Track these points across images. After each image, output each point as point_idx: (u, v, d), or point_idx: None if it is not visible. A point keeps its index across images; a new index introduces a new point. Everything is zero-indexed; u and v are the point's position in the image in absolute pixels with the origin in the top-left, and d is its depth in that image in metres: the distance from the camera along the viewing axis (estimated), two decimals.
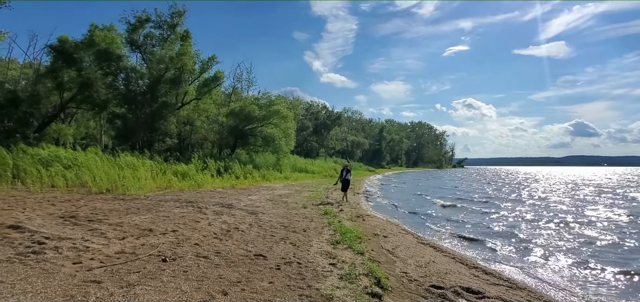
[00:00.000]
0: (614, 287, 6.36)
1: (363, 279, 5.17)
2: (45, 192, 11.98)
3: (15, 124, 20.30)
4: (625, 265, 7.64)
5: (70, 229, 6.96)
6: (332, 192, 19.00)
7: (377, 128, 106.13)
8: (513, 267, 7.43)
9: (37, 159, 14.54)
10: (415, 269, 6.37)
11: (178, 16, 25.62)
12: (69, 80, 22.95)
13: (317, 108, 72.54)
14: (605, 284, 6.55)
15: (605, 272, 7.13)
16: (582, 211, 16.26)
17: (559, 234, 11.00)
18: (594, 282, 6.60)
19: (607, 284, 6.55)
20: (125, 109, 24.61)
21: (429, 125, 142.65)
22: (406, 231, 10.68)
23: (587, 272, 7.18)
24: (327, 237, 7.89)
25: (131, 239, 6.56)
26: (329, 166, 47.45)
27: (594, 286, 6.40)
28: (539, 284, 6.33)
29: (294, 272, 5.33)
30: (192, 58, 25.56)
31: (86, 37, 23.10)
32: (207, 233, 7.43)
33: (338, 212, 12.14)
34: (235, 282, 4.70)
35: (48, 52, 23.23)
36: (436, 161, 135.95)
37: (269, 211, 11.11)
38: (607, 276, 6.96)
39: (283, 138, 30.47)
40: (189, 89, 26.59)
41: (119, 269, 4.92)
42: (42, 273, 4.54)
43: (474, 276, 6.29)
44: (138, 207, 10.20)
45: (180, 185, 16.55)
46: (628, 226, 12.37)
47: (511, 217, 14.08)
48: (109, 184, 13.57)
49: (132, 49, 25.45)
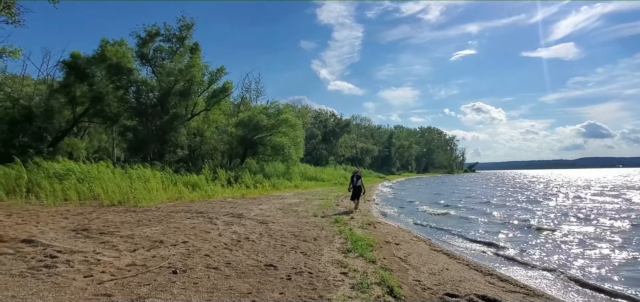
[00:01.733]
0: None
1: (375, 289, 5.08)
2: (59, 205, 12.11)
3: (29, 139, 20.69)
4: None
5: (82, 242, 7.00)
6: (342, 200, 18.89)
7: (386, 134, 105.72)
8: (531, 273, 7.25)
9: (51, 173, 14.75)
10: (429, 277, 6.24)
11: (186, 29, 25.98)
12: (82, 94, 23.39)
13: (325, 116, 72.69)
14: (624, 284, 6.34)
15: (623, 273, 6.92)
16: (605, 214, 15.88)
17: (582, 241, 10.74)
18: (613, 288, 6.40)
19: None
20: (137, 122, 24.94)
21: (439, 130, 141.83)
22: (418, 238, 10.53)
23: (609, 276, 6.98)
24: (338, 246, 7.81)
25: (142, 251, 6.57)
26: (339, 173, 47.30)
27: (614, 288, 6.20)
28: (559, 293, 6.16)
29: (305, 282, 5.26)
30: (201, 70, 25.88)
31: (97, 52, 23.54)
32: (218, 244, 7.41)
33: (349, 220, 12.04)
34: (246, 294, 4.65)
35: (61, 68, 23.77)
36: (447, 166, 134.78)
37: (279, 220, 11.07)
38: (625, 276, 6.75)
39: (292, 147, 30.49)
40: (199, 100, 26.89)
41: (130, 281, 4.90)
42: (54, 287, 4.55)
43: (489, 283, 6.15)
44: (149, 218, 10.24)
45: (191, 196, 16.61)
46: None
47: (532, 222, 13.83)
48: (120, 196, 13.68)
49: (143, 63, 25.87)
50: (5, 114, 21.21)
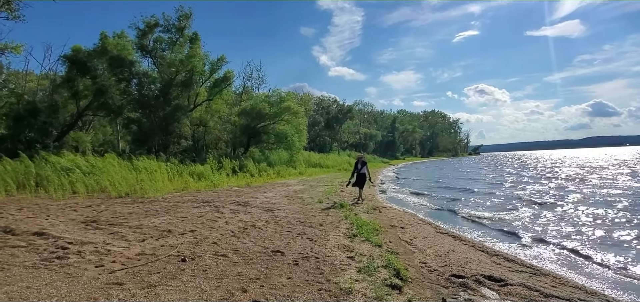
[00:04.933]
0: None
1: (382, 271, 5.14)
2: (67, 198, 12.24)
3: (35, 134, 20.80)
4: None
5: (92, 234, 7.10)
6: (347, 186, 18.92)
7: (389, 119, 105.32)
8: (536, 252, 7.30)
9: (58, 167, 14.87)
10: (435, 259, 6.30)
11: (185, 19, 25.78)
12: (84, 88, 23.41)
13: (327, 102, 72.36)
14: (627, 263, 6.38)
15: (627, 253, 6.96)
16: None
17: (587, 219, 10.76)
18: (620, 267, 6.43)
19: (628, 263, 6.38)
20: (140, 114, 24.97)
21: (442, 113, 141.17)
22: (424, 220, 10.58)
23: (611, 255, 7.01)
24: (344, 231, 7.88)
25: (151, 240, 6.66)
26: (343, 159, 47.32)
27: (622, 269, 6.24)
28: (564, 270, 6.21)
29: (312, 267, 5.33)
30: (201, 60, 25.75)
31: (98, 45, 23.48)
32: (225, 232, 7.50)
33: (354, 205, 12.10)
34: (254, 279, 4.72)
35: (63, 63, 23.70)
36: (451, 149, 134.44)
37: (284, 207, 11.15)
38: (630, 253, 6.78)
39: (295, 134, 30.47)
40: (200, 90, 26.83)
41: (140, 270, 5.00)
42: (66, 277, 4.64)
43: (495, 264, 6.20)
44: (156, 209, 10.35)
45: (197, 185, 16.73)
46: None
47: (539, 203, 13.84)
48: (127, 188, 13.80)
49: (143, 54, 25.76)
50: (10, 110, 21.31)
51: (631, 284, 5.57)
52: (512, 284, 5.07)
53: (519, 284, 5.07)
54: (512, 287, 4.97)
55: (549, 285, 5.15)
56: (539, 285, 5.08)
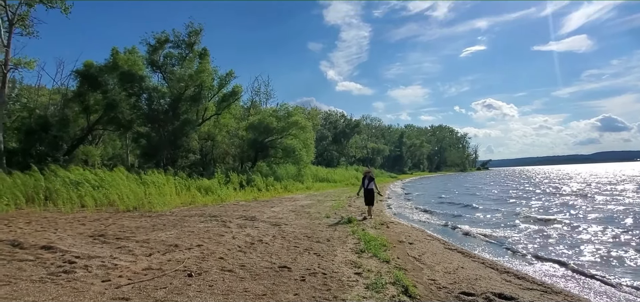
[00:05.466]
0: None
1: (390, 288, 5.06)
2: (76, 212, 12.32)
3: (46, 148, 21.11)
4: None
5: (100, 248, 7.11)
6: (354, 201, 18.84)
7: (396, 134, 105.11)
8: (548, 270, 7.15)
9: (68, 180, 15.02)
10: (444, 276, 6.19)
11: (195, 35, 26.22)
12: (95, 103, 23.80)
13: (335, 117, 72.61)
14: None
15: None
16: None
17: (595, 236, 10.55)
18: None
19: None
20: (149, 128, 25.25)
21: (450, 128, 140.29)
22: (432, 236, 10.45)
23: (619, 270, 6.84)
24: (352, 246, 7.80)
25: (158, 255, 6.65)
26: (351, 174, 47.21)
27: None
28: (576, 290, 6.06)
29: (319, 283, 5.26)
30: (210, 75, 26.08)
31: (109, 60, 23.94)
32: (232, 246, 7.46)
33: (362, 220, 12.00)
34: (261, 295, 4.67)
35: (74, 77, 24.22)
36: (459, 164, 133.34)
37: (292, 222, 11.09)
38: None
39: (303, 149, 30.54)
40: (209, 105, 27.11)
41: (147, 285, 4.97)
42: (73, 292, 4.63)
43: (505, 281, 6.07)
44: (164, 223, 10.36)
45: (204, 200, 16.75)
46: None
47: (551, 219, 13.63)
48: (135, 202, 13.86)
49: (153, 70, 26.20)
50: (22, 124, 21.70)
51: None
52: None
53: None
54: None
55: None
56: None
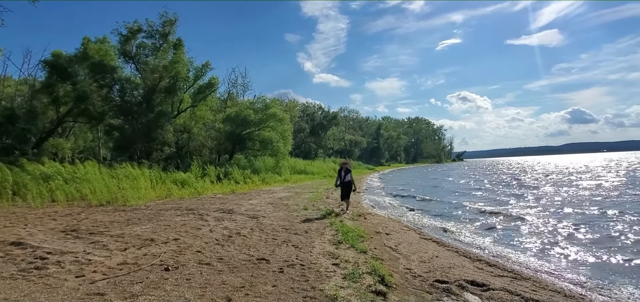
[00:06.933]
0: (614, 271, 6.38)
1: (367, 278, 5.17)
2: (46, 207, 11.95)
3: (13, 141, 20.29)
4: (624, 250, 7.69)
5: (72, 243, 6.95)
6: (332, 193, 18.95)
7: (374, 126, 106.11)
8: (516, 257, 7.44)
9: (37, 174, 14.51)
10: (419, 265, 6.37)
11: (169, 25, 25.61)
12: (65, 94, 22.97)
13: (313, 109, 72.62)
14: (606, 267, 6.57)
15: (604, 257, 7.16)
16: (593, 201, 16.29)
17: (561, 224, 11.03)
18: (600, 270, 6.62)
19: (607, 267, 6.57)
20: (122, 120, 24.59)
21: (427, 120, 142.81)
22: (408, 227, 10.68)
23: (588, 258, 7.20)
24: (329, 238, 7.89)
25: (133, 249, 6.55)
26: (328, 166, 47.43)
27: (598, 273, 6.42)
28: (542, 274, 6.34)
29: (297, 274, 5.32)
30: (185, 66, 25.56)
31: (79, 50, 23.12)
32: (209, 240, 7.43)
33: (339, 212, 12.12)
34: (239, 288, 4.69)
35: (42, 68, 23.32)
36: (435, 155, 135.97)
37: (270, 215, 11.10)
38: (609, 260, 6.98)
39: (280, 141, 30.46)
40: (184, 96, 26.62)
41: (122, 280, 4.91)
42: (46, 288, 4.53)
43: (477, 269, 6.30)
44: (139, 217, 10.19)
45: (180, 193, 16.52)
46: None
47: (520, 210, 14.13)
48: (109, 196, 13.55)
49: (126, 60, 25.47)
50: None
51: (606, 283, 5.72)
52: (494, 289, 5.16)
53: (501, 289, 5.17)
54: (494, 292, 5.06)
55: (529, 289, 5.26)
56: (520, 289, 5.19)
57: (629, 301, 5.17)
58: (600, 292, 5.43)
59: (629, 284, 5.77)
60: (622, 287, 5.65)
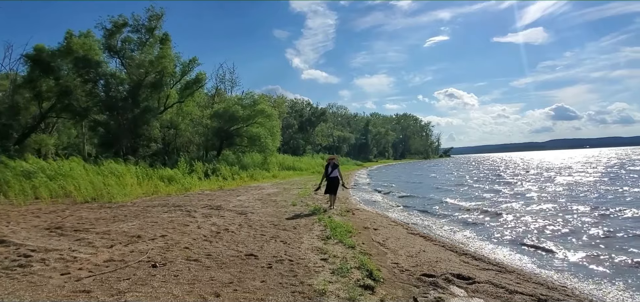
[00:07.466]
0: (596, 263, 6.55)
1: (355, 273, 5.21)
2: (29, 204, 11.73)
3: None
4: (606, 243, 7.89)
5: (57, 240, 6.85)
6: (316, 192, 18.91)
7: (362, 122, 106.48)
8: (502, 250, 7.58)
9: (19, 171, 14.22)
10: (406, 260, 6.44)
11: (156, 19, 25.20)
12: (48, 89, 22.46)
13: (301, 105, 72.57)
14: (584, 258, 6.74)
15: (585, 249, 7.35)
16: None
17: (545, 218, 11.25)
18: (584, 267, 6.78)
19: (585, 258, 6.74)
20: (107, 116, 24.17)
21: (414, 116, 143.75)
22: (396, 222, 10.78)
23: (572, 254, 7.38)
24: (318, 233, 7.92)
25: (119, 246, 6.49)
26: (317, 162, 47.42)
27: (583, 268, 6.58)
28: (527, 267, 6.48)
29: (286, 269, 5.34)
30: (172, 61, 25.20)
31: (63, 45, 22.59)
32: (197, 236, 7.39)
33: (328, 207, 12.16)
34: (227, 284, 4.69)
35: (24, 62, 22.71)
36: (423, 151, 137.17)
37: (258, 211, 11.09)
38: (586, 253, 7.17)
39: (269, 137, 30.29)
40: (171, 92, 26.26)
41: (109, 277, 4.86)
42: (30, 286, 4.47)
43: (463, 263, 6.40)
44: (125, 214, 10.08)
45: (167, 189, 16.35)
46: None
47: (504, 203, 14.36)
48: (94, 193, 13.35)
49: (111, 55, 24.99)
50: None
51: (587, 275, 5.88)
52: (479, 282, 5.26)
53: (486, 282, 5.27)
54: (479, 285, 5.16)
55: (513, 282, 5.37)
56: (505, 282, 5.29)
57: (606, 289, 5.32)
58: (579, 282, 5.58)
59: (605, 276, 5.93)
60: (599, 277, 5.81)
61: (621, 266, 6.40)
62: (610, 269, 6.27)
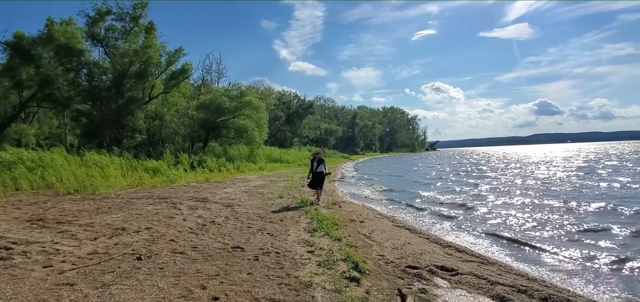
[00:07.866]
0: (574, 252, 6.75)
1: (341, 265, 5.26)
2: (10, 196, 11.48)
3: None
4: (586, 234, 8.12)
5: (39, 233, 6.73)
6: (307, 181, 18.97)
7: (349, 115, 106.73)
8: (484, 243, 7.73)
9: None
10: (392, 252, 6.52)
11: (141, 8, 24.77)
12: (28, 78, 21.93)
13: (288, 97, 72.31)
14: (564, 250, 6.93)
15: (565, 241, 7.55)
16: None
17: (528, 211, 11.49)
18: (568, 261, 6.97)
19: (565, 250, 6.93)
20: (90, 106, 23.72)
21: (401, 110, 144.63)
22: (382, 215, 10.88)
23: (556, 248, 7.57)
24: (304, 226, 7.96)
25: (103, 239, 6.41)
26: (304, 154, 47.40)
27: (565, 262, 6.76)
28: (507, 259, 6.62)
29: (273, 262, 5.36)
30: (157, 51, 24.82)
31: (44, 32, 22.02)
32: (183, 228, 7.35)
33: (314, 200, 12.20)
34: (214, 276, 4.69)
35: (3, 50, 22.08)
36: (409, 145, 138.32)
37: (245, 203, 11.06)
38: (568, 244, 7.37)
39: (256, 129, 30.15)
40: (156, 82, 25.89)
41: (93, 270, 4.81)
42: (11, 279, 4.39)
43: (447, 255, 6.51)
44: (109, 206, 9.94)
45: (152, 181, 16.17)
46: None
47: (485, 194, 14.61)
48: (77, 184, 13.12)
49: (94, 43, 24.46)
50: None
51: (564, 268, 6.05)
52: (462, 273, 5.37)
53: (469, 273, 5.38)
54: (462, 276, 5.27)
55: (495, 273, 5.49)
56: (487, 273, 5.41)
57: (585, 280, 5.49)
58: (555, 273, 5.74)
59: (579, 268, 6.12)
60: (573, 269, 5.99)
61: (593, 258, 6.60)
62: (583, 261, 6.45)
